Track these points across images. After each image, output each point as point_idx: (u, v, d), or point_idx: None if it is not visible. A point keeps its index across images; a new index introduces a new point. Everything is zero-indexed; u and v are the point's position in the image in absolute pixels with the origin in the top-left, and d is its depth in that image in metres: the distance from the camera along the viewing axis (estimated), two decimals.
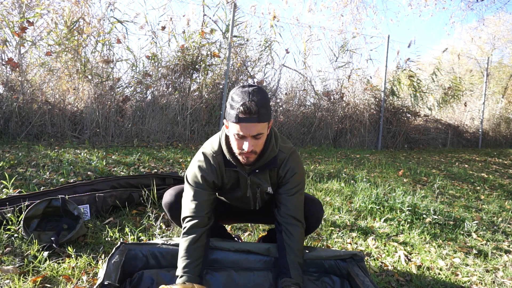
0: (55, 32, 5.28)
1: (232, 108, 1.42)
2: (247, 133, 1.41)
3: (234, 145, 1.49)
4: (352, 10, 9.18)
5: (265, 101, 1.44)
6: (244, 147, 1.44)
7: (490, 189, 4.69)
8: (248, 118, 1.39)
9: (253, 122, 1.40)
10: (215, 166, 1.58)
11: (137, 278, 1.52)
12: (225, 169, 1.60)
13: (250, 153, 1.47)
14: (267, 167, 1.59)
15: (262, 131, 1.44)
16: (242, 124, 1.40)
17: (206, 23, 6.01)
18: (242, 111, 1.38)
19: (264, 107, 1.43)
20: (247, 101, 1.39)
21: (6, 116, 4.80)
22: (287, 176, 1.62)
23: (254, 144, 1.45)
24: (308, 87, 7.26)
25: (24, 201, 2.28)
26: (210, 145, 1.62)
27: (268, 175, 1.63)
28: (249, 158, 1.50)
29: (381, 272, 2.11)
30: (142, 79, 5.76)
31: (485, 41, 17.29)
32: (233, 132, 1.44)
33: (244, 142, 1.44)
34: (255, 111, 1.39)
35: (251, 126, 1.41)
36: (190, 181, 1.59)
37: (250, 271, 1.62)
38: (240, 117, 1.39)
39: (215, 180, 1.59)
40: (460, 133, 9.73)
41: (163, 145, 5.30)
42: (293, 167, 1.62)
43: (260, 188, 1.65)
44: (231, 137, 1.49)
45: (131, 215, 2.59)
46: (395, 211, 3.17)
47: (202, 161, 1.59)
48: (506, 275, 2.26)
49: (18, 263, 1.84)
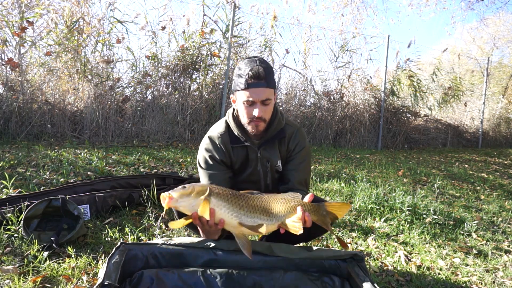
0: (55, 32, 5.28)
1: (240, 77, 1.49)
2: (257, 98, 1.48)
3: (244, 114, 1.53)
4: (353, 10, 9.20)
5: (271, 68, 1.54)
6: (254, 113, 1.49)
7: (490, 189, 4.69)
8: (257, 83, 1.46)
9: (262, 87, 1.47)
10: (221, 145, 1.63)
11: (137, 278, 1.52)
12: (232, 148, 1.65)
13: (260, 120, 1.52)
14: (276, 138, 1.65)
15: (270, 97, 1.51)
16: (252, 89, 1.47)
17: (206, 23, 6.01)
18: (251, 76, 1.46)
19: (271, 74, 1.52)
20: (255, 67, 1.47)
21: (6, 116, 4.80)
22: (296, 150, 1.69)
23: (263, 111, 1.51)
24: (308, 87, 7.26)
25: (24, 201, 2.28)
26: (215, 128, 1.68)
27: (277, 149, 1.68)
28: (259, 127, 1.55)
29: (381, 272, 2.11)
30: (142, 79, 5.76)
31: (485, 41, 17.30)
32: (243, 100, 1.50)
33: (254, 109, 1.49)
34: (263, 76, 1.46)
35: (260, 91, 1.47)
36: (202, 165, 1.64)
37: (250, 270, 1.62)
38: (249, 82, 1.46)
39: (223, 159, 1.63)
40: (460, 133, 9.73)
41: (163, 145, 5.30)
42: (302, 142, 1.70)
43: (270, 162, 1.68)
44: (240, 107, 1.54)
45: (131, 215, 2.59)
46: (395, 211, 3.17)
47: (208, 143, 1.64)
48: (506, 275, 2.26)
49: (18, 263, 1.84)
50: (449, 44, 15.04)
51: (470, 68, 12.75)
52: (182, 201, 1.26)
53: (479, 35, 16.58)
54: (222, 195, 1.31)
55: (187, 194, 1.26)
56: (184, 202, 1.27)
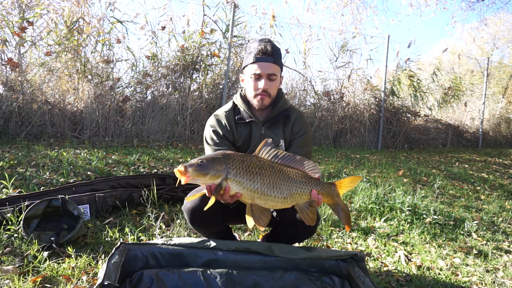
0: (55, 32, 5.28)
1: (249, 53, 1.65)
2: (264, 71, 1.62)
3: (251, 87, 1.66)
4: (353, 10, 9.19)
5: (279, 50, 1.69)
6: (260, 85, 1.63)
7: (490, 189, 4.69)
8: (265, 57, 1.61)
9: (269, 62, 1.62)
10: (225, 122, 1.74)
11: (137, 278, 1.52)
12: (236, 125, 1.75)
13: (265, 94, 1.64)
14: (280, 117, 1.74)
15: (276, 72, 1.65)
16: (259, 63, 1.61)
17: (206, 23, 6.01)
18: (260, 50, 1.61)
19: (279, 54, 1.68)
20: (263, 43, 1.63)
21: (6, 116, 4.80)
22: (299, 134, 1.78)
23: (269, 85, 1.64)
24: (308, 87, 7.26)
25: (24, 201, 2.28)
26: (222, 108, 1.80)
27: (281, 130, 1.77)
28: (264, 101, 1.66)
29: (381, 272, 2.11)
30: (142, 79, 5.76)
31: (485, 41, 17.30)
32: (250, 73, 1.64)
33: (260, 82, 1.63)
34: (271, 53, 1.62)
35: (267, 66, 1.62)
36: (208, 140, 1.73)
37: (250, 270, 1.62)
38: (258, 56, 1.61)
39: (226, 134, 1.72)
40: (460, 133, 9.73)
41: (163, 145, 5.30)
42: (305, 127, 1.80)
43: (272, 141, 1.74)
44: (248, 82, 1.67)
45: (131, 215, 2.59)
46: (395, 211, 3.17)
47: (213, 120, 1.76)
48: (506, 275, 2.26)
49: (18, 263, 1.84)
50: (449, 44, 15.05)
51: (470, 68, 12.74)
52: (197, 179, 1.29)
53: (479, 35, 16.58)
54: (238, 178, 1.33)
55: (203, 175, 1.28)
56: (199, 181, 1.30)
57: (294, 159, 1.44)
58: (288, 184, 1.39)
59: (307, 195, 1.43)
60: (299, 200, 1.43)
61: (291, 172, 1.42)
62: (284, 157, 1.43)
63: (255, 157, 1.40)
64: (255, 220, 1.36)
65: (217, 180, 1.31)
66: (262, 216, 1.37)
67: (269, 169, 1.38)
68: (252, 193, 1.35)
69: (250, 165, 1.36)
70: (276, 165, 1.40)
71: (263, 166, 1.38)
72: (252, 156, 1.40)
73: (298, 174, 1.43)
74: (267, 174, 1.37)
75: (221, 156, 1.35)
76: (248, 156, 1.39)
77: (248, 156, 1.39)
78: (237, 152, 1.40)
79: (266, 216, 1.38)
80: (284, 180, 1.39)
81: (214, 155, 1.36)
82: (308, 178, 1.45)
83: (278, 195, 1.38)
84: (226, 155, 1.36)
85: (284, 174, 1.40)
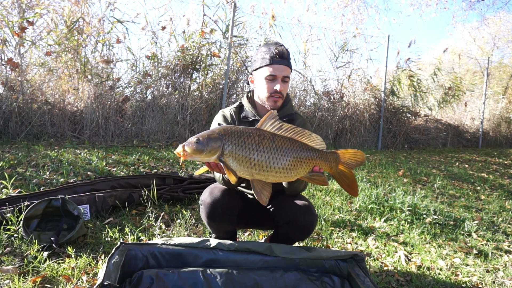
0: (55, 32, 5.27)
1: (265, 54, 1.68)
2: (279, 73, 1.66)
3: (264, 88, 1.69)
4: (353, 10, 9.19)
5: (290, 55, 1.75)
6: (276, 87, 1.67)
7: (490, 189, 4.69)
8: (281, 60, 1.66)
9: (285, 65, 1.67)
10: (230, 119, 1.79)
11: (137, 278, 1.52)
12: (240, 123, 1.78)
13: (279, 95, 1.69)
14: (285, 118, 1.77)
15: (289, 75, 1.71)
16: (275, 65, 1.66)
17: (206, 23, 6.00)
18: (276, 53, 1.66)
19: (290, 59, 1.74)
20: (280, 47, 1.68)
21: (6, 116, 4.80)
22: None
23: (283, 87, 1.69)
24: (308, 87, 7.26)
25: (24, 201, 2.28)
26: (228, 107, 1.85)
27: None
28: (277, 102, 1.71)
29: (381, 272, 2.11)
30: (142, 79, 5.76)
31: (486, 41, 17.28)
32: (265, 75, 1.67)
33: (275, 84, 1.67)
34: (286, 56, 1.69)
35: (283, 68, 1.67)
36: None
37: (250, 270, 1.62)
38: (274, 59, 1.66)
39: None
40: (460, 133, 9.73)
41: (163, 145, 5.30)
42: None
43: None
44: (261, 83, 1.70)
45: (131, 215, 2.59)
46: (395, 211, 3.17)
47: (220, 116, 1.82)
48: (506, 275, 2.26)
49: (18, 263, 1.84)
50: (449, 44, 15.04)
51: (470, 68, 12.74)
52: (195, 157, 1.32)
53: (480, 35, 16.56)
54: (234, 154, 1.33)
55: (199, 152, 1.31)
56: (197, 158, 1.32)
57: (299, 131, 1.43)
58: (287, 156, 1.38)
59: (309, 166, 1.43)
60: (302, 172, 1.42)
61: (290, 144, 1.40)
62: (289, 129, 1.42)
63: (255, 131, 1.38)
64: (257, 195, 1.36)
65: (213, 157, 1.33)
66: (264, 191, 1.38)
67: (269, 143, 1.37)
68: (250, 169, 1.35)
69: (247, 140, 1.35)
70: (278, 139, 1.39)
71: (263, 140, 1.36)
72: (252, 129, 1.39)
73: (298, 145, 1.41)
74: (266, 149, 1.36)
75: (217, 132, 1.35)
76: (248, 130, 1.38)
77: (248, 130, 1.38)
78: (237, 126, 1.41)
79: (267, 191, 1.39)
80: (283, 153, 1.38)
81: (212, 131, 1.36)
82: (308, 148, 1.43)
83: (278, 169, 1.37)
84: (224, 130, 1.36)
85: (284, 147, 1.38)
